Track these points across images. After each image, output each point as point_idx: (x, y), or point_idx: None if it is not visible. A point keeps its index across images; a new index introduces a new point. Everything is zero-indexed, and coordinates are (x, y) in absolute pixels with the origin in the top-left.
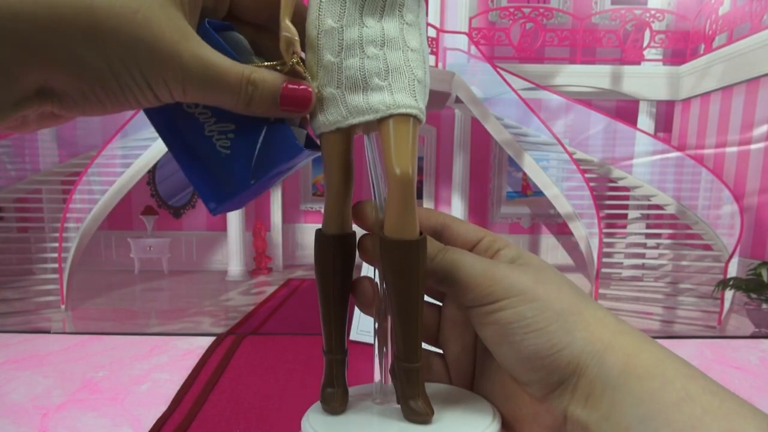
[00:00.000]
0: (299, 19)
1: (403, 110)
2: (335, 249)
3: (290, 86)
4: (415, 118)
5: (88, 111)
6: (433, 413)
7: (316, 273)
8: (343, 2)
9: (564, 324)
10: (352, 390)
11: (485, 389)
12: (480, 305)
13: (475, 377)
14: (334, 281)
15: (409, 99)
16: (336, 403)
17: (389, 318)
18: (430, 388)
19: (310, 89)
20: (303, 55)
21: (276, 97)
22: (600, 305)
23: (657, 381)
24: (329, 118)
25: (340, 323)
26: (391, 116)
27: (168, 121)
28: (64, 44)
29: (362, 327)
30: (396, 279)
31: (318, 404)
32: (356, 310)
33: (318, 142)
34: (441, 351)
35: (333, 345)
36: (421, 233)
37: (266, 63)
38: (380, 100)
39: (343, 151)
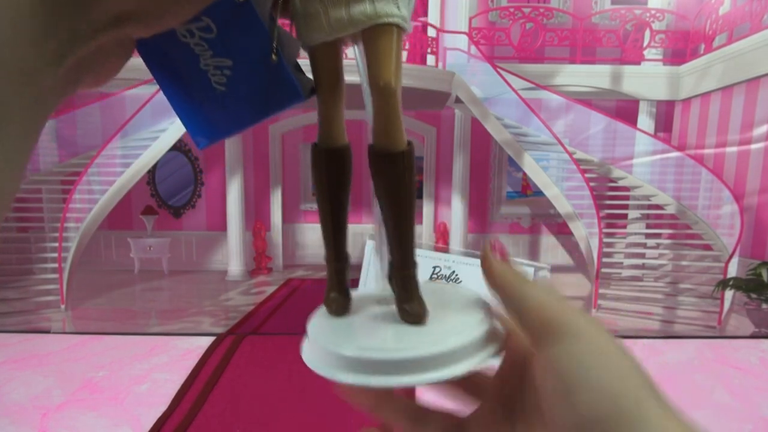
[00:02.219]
0: None
1: (384, 20)
2: (329, 162)
3: None
4: (398, 27)
5: (166, 23)
6: (426, 316)
7: (314, 186)
8: None
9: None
10: (357, 294)
11: None
12: (552, 333)
13: None
14: (330, 193)
15: (390, 7)
16: (337, 306)
17: (385, 230)
18: (426, 288)
19: None
20: None
21: None
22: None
23: None
24: (313, 35)
25: (338, 233)
26: (373, 27)
27: (161, 51)
28: None
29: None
30: (386, 190)
31: (322, 308)
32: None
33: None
34: None
35: (333, 253)
36: (409, 143)
37: None
38: (361, 11)
39: (330, 63)
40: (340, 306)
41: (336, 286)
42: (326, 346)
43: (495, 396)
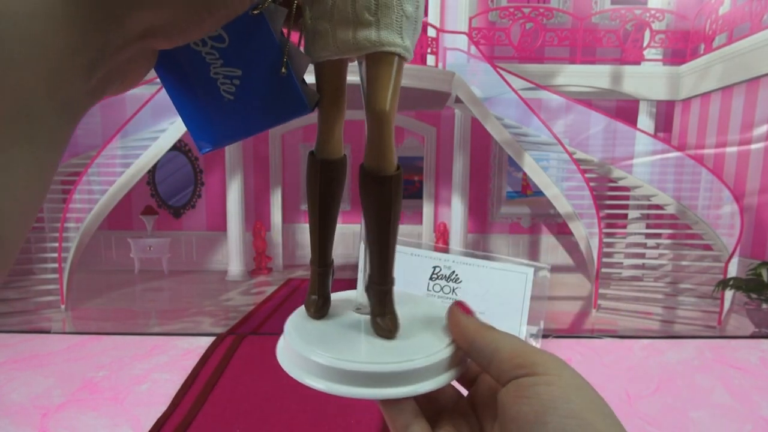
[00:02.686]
0: None
1: (387, 48)
2: (324, 173)
3: None
4: (400, 56)
5: (188, 37)
6: (396, 331)
7: (306, 192)
8: None
9: None
10: (338, 297)
11: None
12: (523, 375)
13: None
14: (322, 201)
15: (394, 36)
16: (315, 309)
17: (367, 245)
18: (404, 299)
19: None
20: None
21: None
22: None
23: None
24: (320, 53)
25: (324, 240)
26: (376, 53)
27: (171, 56)
28: None
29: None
30: (372, 210)
31: (301, 308)
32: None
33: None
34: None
35: (317, 258)
36: (398, 168)
37: None
38: (365, 37)
39: (334, 79)
40: (319, 310)
41: (317, 290)
42: (299, 349)
43: (460, 415)
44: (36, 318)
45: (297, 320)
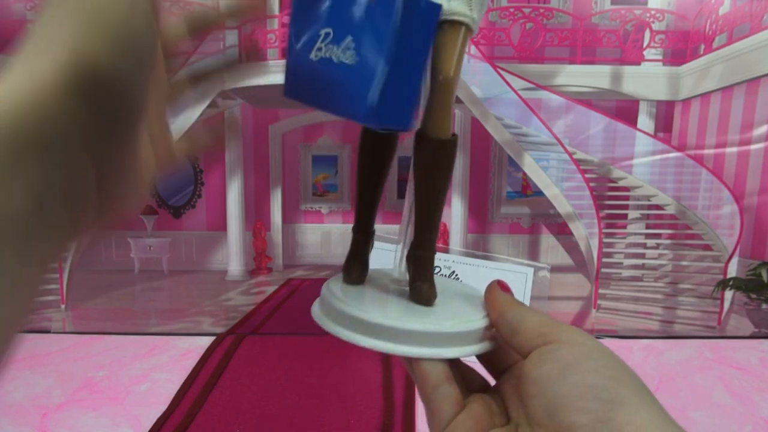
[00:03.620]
0: None
1: (456, 17)
2: (375, 139)
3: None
4: (467, 26)
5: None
6: (434, 298)
7: (358, 158)
8: None
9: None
10: (376, 270)
11: None
12: (546, 344)
13: None
14: (372, 168)
15: (463, 7)
16: (354, 274)
17: (413, 212)
18: (440, 280)
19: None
20: None
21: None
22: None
23: None
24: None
25: (368, 208)
26: (445, 22)
27: (309, 82)
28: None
29: None
30: (425, 174)
31: (339, 274)
32: None
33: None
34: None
35: (359, 225)
36: (453, 134)
37: None
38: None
39: None
40: (357, 274)
41: (356, 256)
42: (331, 302)
43: (489, 398)
44: (36, 318)
45: (334, 283)
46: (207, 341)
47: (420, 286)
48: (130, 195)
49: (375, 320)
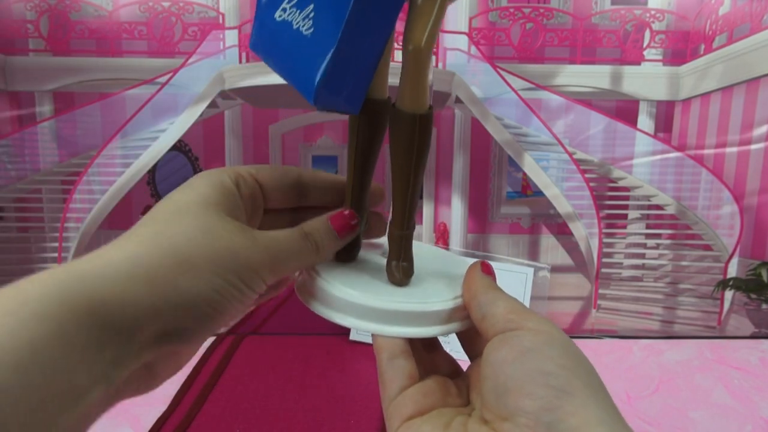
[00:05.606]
0: None
1: None
2: (365, 112)
3: (336, 221)
4: None
5: (203, 338)
6: (408, 278)
7: (349, 134)
8: None
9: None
10: (371, 244)
11: None
12: (511, 329)
13: None
14: (361, 145)
15: None
16: (343, 253)
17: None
18: (422, 251)
19: (349, 213)
20: None
21: (333, 234)
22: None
23: None
24: None
25: (359, 187)
26: None
27: (270, 41)
28: (171, 294)
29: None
30: (399, 150)
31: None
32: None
33: None
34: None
35: (350, 203)
36: (429, 107)
37: None
38: None
39: None
40: (347, 254)
41: None
42: (311, 275)
43: (451, 380)
44: None
45: (327, 263)
46: (207, 341)
47: (394, 265)
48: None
49: (341, 295)
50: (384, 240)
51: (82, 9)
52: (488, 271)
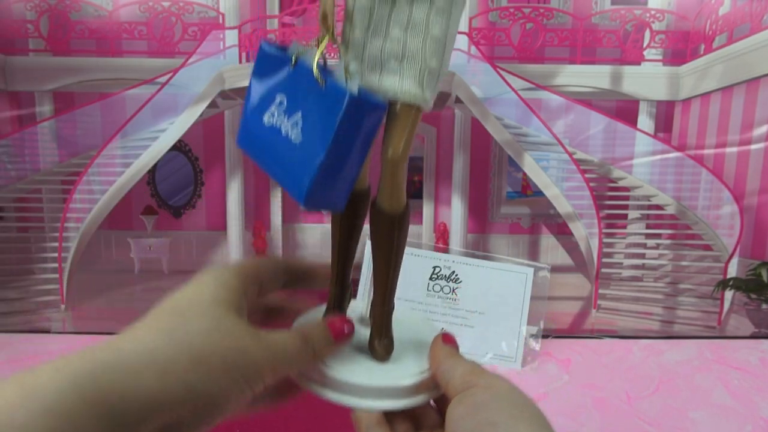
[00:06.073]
0: None
1: (407, 98)
2: (348, 205)
3: (333, 327)
4: (418, 107)
5: (200, 430)
6: (389, 355)
7: (331, 221)
8: None
9: None
10: (351, 313)
11: None
12: (468, 389)
13: None
14: (344, 228)
15: (415, 88)
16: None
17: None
18: (402, 320)
19: (346, 319)
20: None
21: (331, 340)
22: None
23: None
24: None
25: (344, 263)
26: (397, 101)
27: (258, 142)
28: (181, 389)
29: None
30: (380, 242)
31: (309, 315)
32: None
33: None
34: None
35: (336, 279)
36: (406, 206)
37: (310, 43)
38: (390, 84)
39: None
40: (341, 305)
41: (334, 310)
42: None
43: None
44: (36, 318)
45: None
46: None
47: (376, 344)
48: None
49: (322, 369)
50: (358, 303)
51: (82, 9)
52: (448, 341)
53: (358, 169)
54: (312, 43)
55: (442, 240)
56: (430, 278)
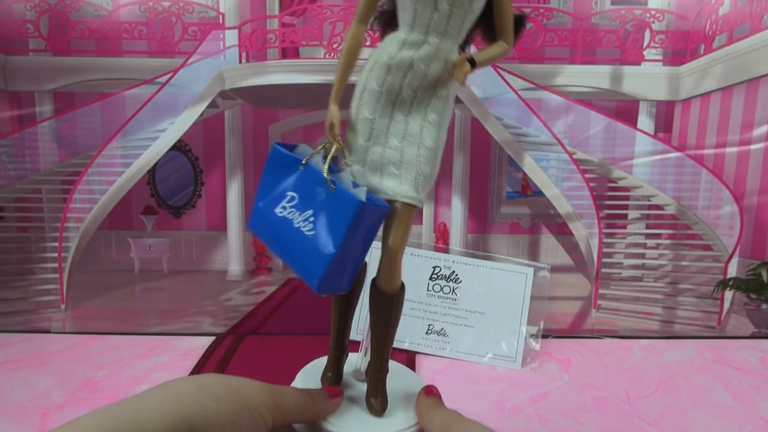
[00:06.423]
0: None
1: (405, 200)
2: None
3: (329, 391)
4: (414, 206)
5: None
6: (384, 411)
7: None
8: (378, 98)
9: None
10: (348, 370)
11: None
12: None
13: None
14: (341, 302)
15: (412, 191)
16: (328, 384)
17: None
18: (395, 376)
19: (337, 389)
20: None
21: (326, 396)
22: None
23: None
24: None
25: (343, 329)
26: (396, 201)
27: (270, 229)
28: None
29: (362, 327)
30: (378, 316)
31: (310, 366)
32: (357, 315)
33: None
34: None
35: (335, 343)
36: (401, 287)
37: (318, 149)
38: (390, 186)
39: None
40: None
41: (332, 369)
42: None
43: None
44: (36, 318)
45: (305, 380)
46: (207, 341)
47: (372, 402)
48: None
49: (323, 425)
50: (351, 358)
51: (82, 9)
52: (430, 393)
53: (362, 257)
54: (318, 148)
55: (442, 240)
56: (430, 278)
